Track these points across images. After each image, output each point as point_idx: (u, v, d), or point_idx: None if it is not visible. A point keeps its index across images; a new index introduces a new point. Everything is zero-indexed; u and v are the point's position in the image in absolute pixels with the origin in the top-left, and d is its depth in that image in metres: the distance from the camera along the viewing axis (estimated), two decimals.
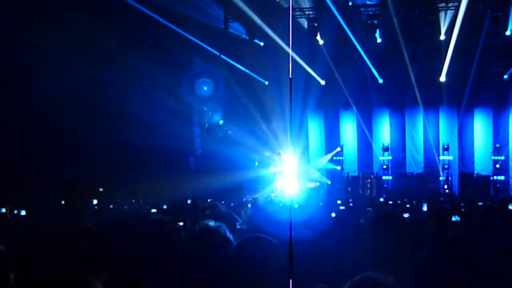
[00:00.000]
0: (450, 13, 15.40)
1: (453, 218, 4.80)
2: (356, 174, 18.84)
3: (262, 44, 17.18)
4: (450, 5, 15.15)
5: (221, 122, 17.66)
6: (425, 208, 5.86)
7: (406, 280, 2.37)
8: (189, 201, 8.10)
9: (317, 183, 18.19)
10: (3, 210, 7.50)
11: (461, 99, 18.04)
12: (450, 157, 18.10)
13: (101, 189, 11.35)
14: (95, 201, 8.98)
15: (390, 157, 18.99)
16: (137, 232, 3.53)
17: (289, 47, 16.42)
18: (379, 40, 16.58)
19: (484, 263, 2.67)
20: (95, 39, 11.26)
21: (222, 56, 16.28)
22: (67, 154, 11.72)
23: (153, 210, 6.54)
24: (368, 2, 15.74)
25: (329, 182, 18.35)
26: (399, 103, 19.28)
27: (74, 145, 11.99)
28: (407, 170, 19.07)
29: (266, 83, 18.31)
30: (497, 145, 18.07)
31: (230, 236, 2.51)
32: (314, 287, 2.34)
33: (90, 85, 11.62)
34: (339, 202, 9.29)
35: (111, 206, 9.83)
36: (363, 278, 1.53)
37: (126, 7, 12.39)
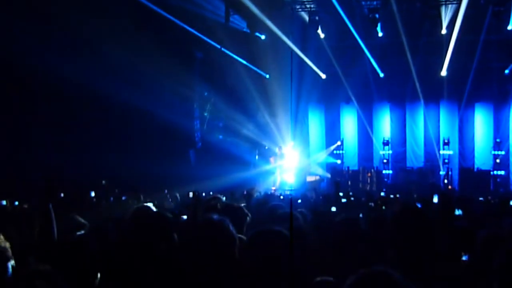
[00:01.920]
0: (451, 7, 15.34)
1: (456, 212, 4.82)
2: (356, 168, 18.85)
3: (263, 37, 17.12)
4: None
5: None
6: (435, 199, 5.85)
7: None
8: (190, 194, 8.08)
9: (317, 177, 18.20)
10: (4, 202, 7.49)
11: (461, 93, 18.00)
12: (451, 152, 18.09)
13: (103, 182, 11.36)
14: (93, 193, 8.93)
15: (390, 151, 18.98)
16: (138, 226, 3.51)
17: (290, 40, 16.40)
18: (380, 34, 16.51)
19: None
20: (96, 34, 11.23)
21: (223, 49, 16.23)
22: (68, 147, 11.72)
23: (150, 204, 6.51)
24: None
25: (329, 176, 18.35)
26: (400, 97, 19.26)
27: (75, 138, 11.98)
28: (408, 165, 19.06)
29: (267, 76, 18.26)
30: (498, 140, 18.06)
31: (233, 230, 2.49)
32: (319, 280, 2.35)
33: (92, 80, 11.59)
34: (341, 194, 9.28)
35: (111, 199, 9.83)
36: (368, 271, 1.53)
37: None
